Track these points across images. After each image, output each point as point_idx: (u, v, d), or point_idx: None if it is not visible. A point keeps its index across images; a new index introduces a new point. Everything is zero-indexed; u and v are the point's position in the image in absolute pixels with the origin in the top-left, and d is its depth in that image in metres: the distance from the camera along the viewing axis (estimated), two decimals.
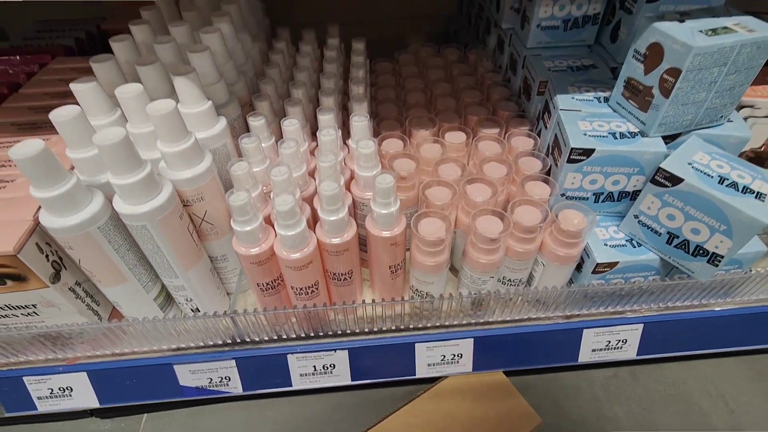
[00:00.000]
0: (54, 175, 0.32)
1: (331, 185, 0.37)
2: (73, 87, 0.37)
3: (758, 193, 0.34)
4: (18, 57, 0.59)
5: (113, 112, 0.39)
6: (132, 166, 0.33)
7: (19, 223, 0.35)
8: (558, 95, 0.45)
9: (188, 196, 0.39)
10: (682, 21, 0.36)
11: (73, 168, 0.38)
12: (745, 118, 0.46)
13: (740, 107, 0.46)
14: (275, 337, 0.46)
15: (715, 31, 0.35)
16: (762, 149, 0.48)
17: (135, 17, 0.49)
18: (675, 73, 0.35)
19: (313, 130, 0.52)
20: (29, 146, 0.30)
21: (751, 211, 0.33)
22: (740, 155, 0.45)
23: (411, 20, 0.82)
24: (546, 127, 0.48)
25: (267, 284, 0.42)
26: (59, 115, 0.34)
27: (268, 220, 0.41)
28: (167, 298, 0.45)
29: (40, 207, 0.36)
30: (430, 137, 0.50)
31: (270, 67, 0.54)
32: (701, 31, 0.35)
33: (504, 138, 0.51)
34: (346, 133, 0.52)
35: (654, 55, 0.37)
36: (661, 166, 0.37)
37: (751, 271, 0.43)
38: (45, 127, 0.46)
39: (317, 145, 0.49)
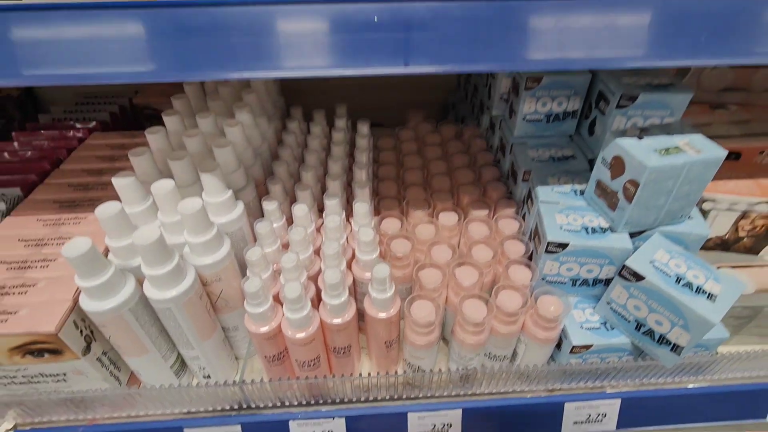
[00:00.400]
0: (97, 268, 0.37)
1: (334, 274, 0.42)
2: (115, 182, 0.43)
3: (709, 293, 0.39)
4: (59, 132, 0.66)
5: (146, 200, 0.45)
6: (163, 260, 0.38)
7: (60, 303, 0.40)
8: (539, 187, 0.51)
9: (208, 278, 0.44)
10: (640, 138, 0.42)
11: (107, 250, 0.44)
12: (709, 210, 0.51)
13: (703, 201, 0.51)
14: (278, 404, 0.49)
15: (667, 151, 0.40)
16: (726, 237, 0.53)
17: (164, 92, 0.55)
18: (635, 183, 0.41)
19: (320, 206, 0.58)
20: (79, 245, 0.36)
21: (702, 311, 0.38)
22: (707, 242, 0.50)
23: (414, 94, 0.89)
24: (529, 213, 0.53)
25: (273, 356, 0.46)
26: (103, 212, 0.39)
27: (277, 298, 0.46)
28: (182, 365, 0.49)
29: (79, 289, 0.41)
30: (425, 217, 0.56)
31: (283, 149, 0.61)
32: (656, 150, 0.40)
33: (492, 218, 0.56)
34: (350, 209, 0.58)
35: (618, 165, 0.43)
36: (626, 263, 0.42)
37: (717, 353, 0.47)
38: (82, 206, 0.52)
39: (323, 223, 0.55)
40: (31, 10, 0.29)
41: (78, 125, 0.69)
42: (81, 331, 0.42)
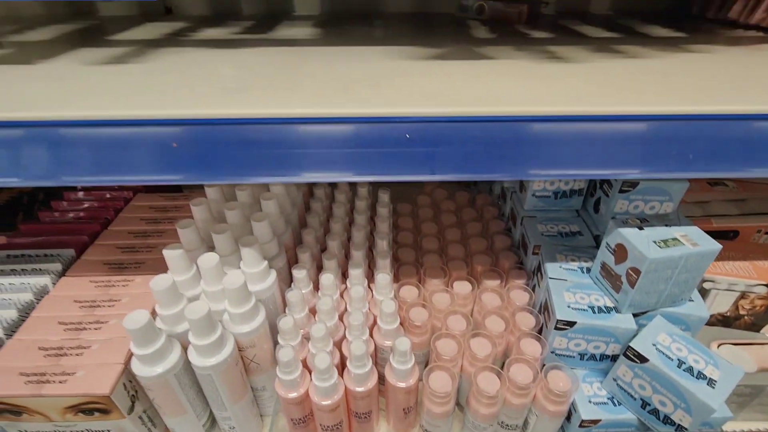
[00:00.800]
0: (150, 337, 0.41)
1: (360, 346, 0.46)
2: (165, 253, 0.48)
3: (710, 379, 0.42)
4: (106, 193, 0.73)
5: (191, 269, 0.50)
6: (209, 332, 0.43)
7: (113, 367, 0.44)
8: (548, 263, 0.55)
9: (244, 344, 0.48)
10: (641, 229, 0.47)
11: (155, 313, 0.48)
12: (709, 289, 0.55)
13: (703, 280, 0.54)
14: None
15: (666, 243, 0.44)
16: (727, 313, 0.56)
17: None
18: (637, 271, 0.45)
19: (343, 270, 0.62)
20: (138, 319, 0.40)
21: (703, 397, 0.41)
22: (710, 318, 0.53)
23: None
24: (539, 286, 0.57)
25: (299, 419, 0.49)
26: (157, 285, 0.44)
27: (304, 363, 0.50)
28: (212, 423, 0.52)
29: (130, 353, 0.45)
30: (441, 285, 0.60)
31: (311, 216, 0.66)
32: (655, 242, 0.45)
33: (504, 287, 0.60)
34: (370, 273, 0.62)
35: (621, 252, 0.47)
36: (630, 344, 0.45)
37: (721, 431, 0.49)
38: (129, 268, 0.57)
39: (346, 288, 0.59)
40: (83, 126, 0.35)
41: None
42: (128, 392, 0.45)
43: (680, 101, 0.37)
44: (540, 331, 0.53)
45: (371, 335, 0.53)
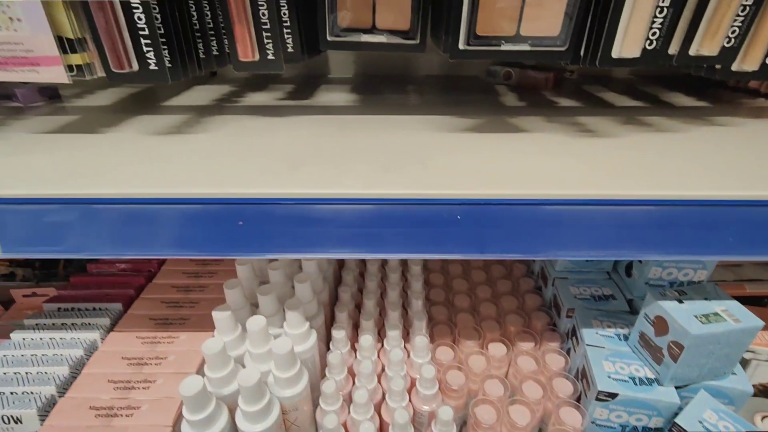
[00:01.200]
0: (203, 404, 0.43)
1: (403, 415, 0.46)
2: (215, 315, 0.50)
3: None
4: None
5: (237, 329, 0.52)
6: (259, 398, 0.44)
7: (162, 429, 0.45)
8: (584, 329, 0.55)
9: (287, 407, 0.49)
10: (681, 302, 0.47)
11: (200, 370, 0.49)
12: (750, 359, 0.54)
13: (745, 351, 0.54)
14: None
15: (707, 318, 0.45)
16: None
17: None
18: (679, 346, 0.45)
19: (378, 327, 0.63)
20: (193, 385, 0.42)
21: None
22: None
23: None
24: (575, 351, 0.57)
25: None
26: (208, 348, 0.46)
27: (345, 425, 0.50)
28: None
29: (178, 415, 0.46)
30: (476, 347, 0.60)
31: (346, 272, 0.68)
32: (696, 317, 0.45)
33: (539, 348, 0.61)
34: (406, 333, 0.63)
35: (661, 325, 0.47)
36: (676, 421, 0.45)
37: None
38: (174, 324, 0.59)
39: (382, 346, 0.60)
40: (158, 204, 0.38)
41: None
42: None
43: (718, 185, 0.39)
44: (578, 399, 0.53)
45: (409, 398, 0.54)
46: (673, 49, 0.45)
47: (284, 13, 0.52)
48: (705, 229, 0.39)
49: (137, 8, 0.42)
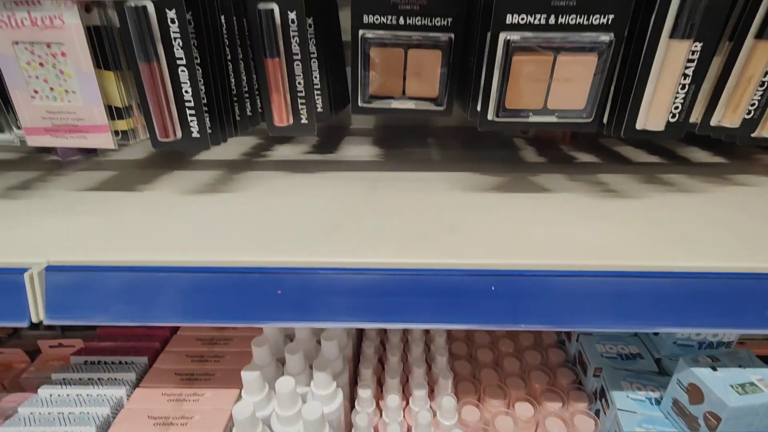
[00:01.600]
0: None
1: None
2: (243, 374, 0.50)
3: None
4: None
5: (264, 389, 0.52)
6: None
7: None
8: (614, 392, 0.55)
9: None
10: (714, 369, 0.47)
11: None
12: None
13: None
14: None
15: (743, 388, 0.45)
16: None
17: None
18: (716, 417, 0.44)
19: (401, 381, 0.63)
20: None
21: None
22: None
23: None
24: (604, 413, 0.56)
25: None
26: (240, 412, 0.46)
27: None
28: None
29: None
30: (502, 407, 0.59)
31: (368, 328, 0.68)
32: (732, 386, 0.45)
33: (566, 408, 0.59)
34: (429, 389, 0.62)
35: (695, 393, 0.47)
36: None
37: None
38: (199, 380, 0.59)
39: (407, 404, 0.59)
40: (202, 272, 0.39)
41: None
42: None
43: (753, 255, 0.39)
44: None
45: None
46: (694, 118, 0.47)
47: (316, 76, 0.55)
48: (743, 301, 0.39)
49: (185, 83, 0.45)
